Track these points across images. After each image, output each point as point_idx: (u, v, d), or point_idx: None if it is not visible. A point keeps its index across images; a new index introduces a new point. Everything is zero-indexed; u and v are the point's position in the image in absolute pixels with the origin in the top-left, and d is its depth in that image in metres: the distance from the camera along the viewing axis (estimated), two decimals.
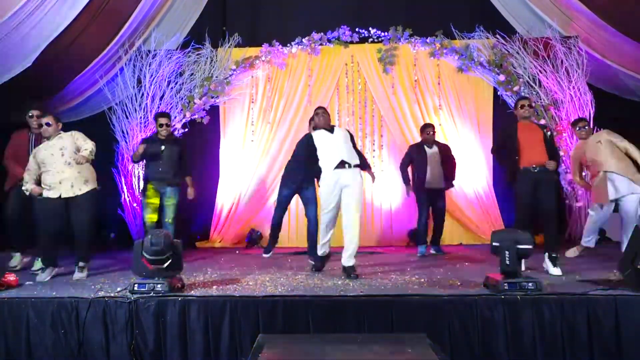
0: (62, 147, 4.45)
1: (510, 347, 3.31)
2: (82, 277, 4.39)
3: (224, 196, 7.10)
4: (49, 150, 4.46)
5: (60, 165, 4.42)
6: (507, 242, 3.53)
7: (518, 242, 3.51)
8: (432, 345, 2.58)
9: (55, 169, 4.42)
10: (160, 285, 3.54)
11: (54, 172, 4.42)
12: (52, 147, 4.46)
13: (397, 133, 7.04)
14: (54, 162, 4.42)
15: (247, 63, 7.01)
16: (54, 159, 4.43)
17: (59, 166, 4.42)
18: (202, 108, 6.94)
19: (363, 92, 7.19)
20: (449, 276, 4.23)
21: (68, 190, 4.41)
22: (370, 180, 4.78)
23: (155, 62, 6.78)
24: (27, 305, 3.50)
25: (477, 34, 6.93)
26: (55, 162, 4.42)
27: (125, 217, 6.78)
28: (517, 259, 3.52)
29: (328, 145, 4.41)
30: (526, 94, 6.61)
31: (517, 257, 3.51)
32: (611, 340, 3.28)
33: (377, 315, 3.38)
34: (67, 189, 4.41)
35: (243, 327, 3.40)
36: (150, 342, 3.42)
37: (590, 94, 6.57)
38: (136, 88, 6.79)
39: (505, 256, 3.53)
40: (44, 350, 3.45)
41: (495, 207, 6.91)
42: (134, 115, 6.76)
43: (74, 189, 4.42)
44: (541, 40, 6.72)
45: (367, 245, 6.82)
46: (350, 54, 7.13)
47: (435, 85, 7.06)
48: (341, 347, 2.58)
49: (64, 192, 4.40)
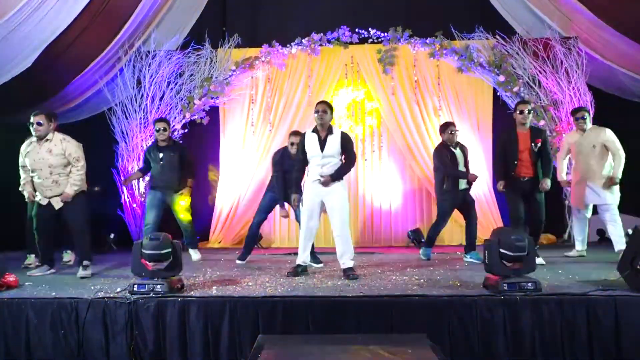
0: (50, 152, 4.43)
1: (510, 347, 3.31)
2: (87, 275, 4.48)
3: (223, 197, 7.10)
4: (39, 154, 4.44)
5: (47, 173, 4.44)
6: (490, 242, 3.57)
7: (500, 243, 3.50)
8: (432, 345, 2.58)
9: (44, 175, 4.44)
10: (160, 285, 3.53)
11: (43, 178, 4.45)
12: (41, 151, 4.44)
13: (397, 134, 7.04)
14: (42, 167, 4.43)
15: (247, 64, 7.01)
16: (42, 164, 4.43)
17: (46, 173, 4.44)
18: (201, 109, 6.94)
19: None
20: (448, 277, 4.23)
21: (56, 201, 4.48)
22: (368, 180, 4.77)
23: (155, 62, 6.78)
24: (27, 305, 3.50)
25: (476, 34, 6.93)
26: (43, 169, 4.43)
27: (125, 218, 6.78)
28: (499, 259, 3.51)
29: (312, 155, 4.34)
30: (526, 95, 6.61)
31: (499, 257, 3.51)
32: (610, 341, 3.28)
33: (377, 316, 3.38)
34: (56, 201, 4.48)
35: (242, 328, 3.40)
36: (150, 343, 3.42)
37: (590, 94, 6.58)
38: (136, 89, 6.79)
39: (485, 254, 3.60)
40: (44, 350, 3.45)
41: (495, 208, 6.91)
42: (133, 116, 6.76)
43: (58, 199, 4.50)
44: (541, 41, 6.72)
45: (366, 246, 6.84)
46: (350, 54, 7.14)
47: (435, 85, 7.06)
48: (341, 347, 2.58)
49: (54, 202, 4.48)
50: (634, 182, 6.73)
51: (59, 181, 4.47)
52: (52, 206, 4.49)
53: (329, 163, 4.31)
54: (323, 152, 4.29)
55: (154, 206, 5.37)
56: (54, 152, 4.44)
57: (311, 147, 4.34)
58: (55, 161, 4.43)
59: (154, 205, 5.37)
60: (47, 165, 4.43)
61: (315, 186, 4.34)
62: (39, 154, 4.43)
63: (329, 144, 4.31)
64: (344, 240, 4.34)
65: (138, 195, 6.74)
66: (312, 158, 4.35)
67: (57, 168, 4.45)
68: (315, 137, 4.33)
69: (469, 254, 5.22)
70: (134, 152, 6.75)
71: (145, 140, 6.72)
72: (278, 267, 4.97)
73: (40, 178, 4.45)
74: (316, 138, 4.33)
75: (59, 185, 4.47)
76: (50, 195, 4.48)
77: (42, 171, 4.43)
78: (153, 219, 5.33)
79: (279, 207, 5.16)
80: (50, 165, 4.43)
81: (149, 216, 5.35)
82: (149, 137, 6.71)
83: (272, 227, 7.11)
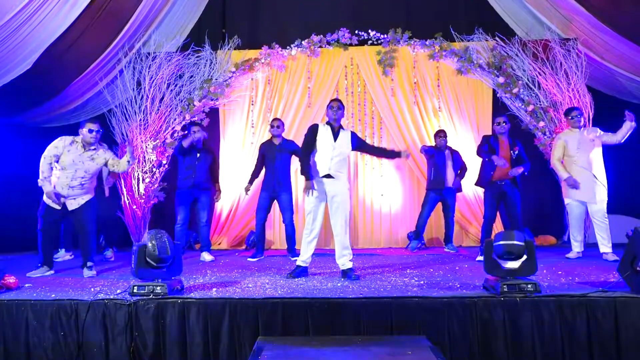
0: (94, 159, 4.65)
1: (509, 348, 3.31)
2: (93, 274, 4.65)
3: (223, 198, 7.09)
4: (82, 157, 4.59)
5: (78, 178, 4.58)
6: (490, 243, 3.59)
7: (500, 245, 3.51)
8: (431, 347, 2.58)
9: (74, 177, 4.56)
10: (160, 287, 3.54)
11: (72, 179, 4.55)
12: (84, 155, 4.61)
13: (397, 135, 7.05)
14: (77, 170, 4.56)
15: (247, 65, 7.02)
16: (79, 167, 4.57)
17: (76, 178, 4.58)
18: (201, 110, 6.94)
19: (362, 95, 7.20)
20: (448, 278, 4.24)
21: (72, 204, 4.61)
22: (368, 181, 4.79)
23: (154, 64, 6.78)
24: (27, 307, 3.50)
25: (476, 36, 6.93)
26: (77, 171, 4.57)
27: (125, 220, 6.78)
28: (498, 260, 3.53)
29: (324, 147, 4.35)
30: (525, 96, 6.63)
31: (498, 258, 3.52)
32: (610, 342, 3.28)
33: (377, 317, 3.38)
34: (70, 202, 4.60)
35: (242, 329, 3.40)
36: (150, 345, 3.42)
37: (589, 96, 6.58)
38: (136, 90, 6.78)
39: (484, 255, 3.62)
40: (43, 352, 3.45)
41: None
42: (133, 118, 6.75)
43: (76, 201, 4.63)
44: (540, 43, 6.73)
45: (366, 247, 6.85)
46: (350, 56, 7.15)
47: (434, 87, 7.07)
48: (340, 349, 2.59)
49: (69, 204, 4.60)
50: (633, 183, 6.77)
51: (84, 184, 4.64)
52: (60, 209, 4.58)
53: (339, 157, 4.34)
54: (335, 144, 4.33)
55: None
56: (99, 156, 4.69)
57: (324, 139, 4.35)
58: (93, 167, 4.66)
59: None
60: (83, 170, 4.60)
61: (322, 186, 4.34)
62: (81, 157, 4.58)
63: (341, 138, 4.37)
64: (343, 241, 4.35)
65: (138, 196, 6.74)
66: (323, 151, 4.35)
67: (91, 171, 4.67)
68: (329, 129, 4.38)
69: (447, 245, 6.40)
70: (134, 154, 6.74)
71: (146, 142, 6.72)
72: (278, 268, 4.98)
73: (74, 175, 4.57)
74: (330, 131, 4.37)
75: (83, 187, 4.65)
76: (70, 192, 4.59)
77: (77, 172, 4.57)
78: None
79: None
80: (86, 170, 4.62)
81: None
82: (149, 139, 6.72)
83: (272, 228, 7.10)
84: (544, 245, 6.72)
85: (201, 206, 5.78)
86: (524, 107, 6.66)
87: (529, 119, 6.66)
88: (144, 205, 6.75)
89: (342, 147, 4.37)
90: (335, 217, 4.37)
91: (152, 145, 6.70)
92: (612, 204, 5.49)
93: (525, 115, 6.68)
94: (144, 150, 6.69)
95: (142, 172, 6.69)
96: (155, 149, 6.70)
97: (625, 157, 6.56)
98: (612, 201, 5.48)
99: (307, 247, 4.46)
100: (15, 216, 6.61)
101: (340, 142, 4.37)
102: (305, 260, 4.48)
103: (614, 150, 5.69)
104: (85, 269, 4.69)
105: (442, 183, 6.25)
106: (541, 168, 6.55)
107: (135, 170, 6.71)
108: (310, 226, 4.42)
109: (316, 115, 7.00)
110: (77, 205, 4.62)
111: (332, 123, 4.39)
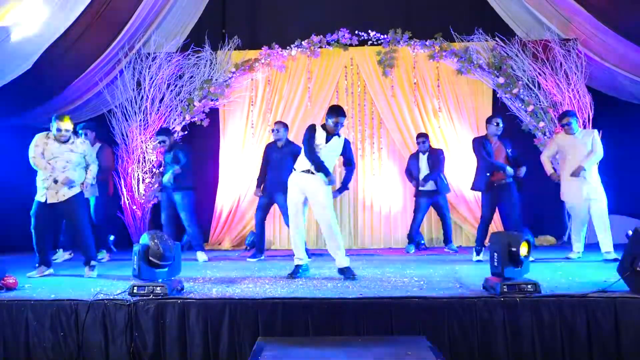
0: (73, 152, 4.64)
1: (509, 349, 3.31)
2: (94, 275, 4.63)
3: (223, 199, 7.10)
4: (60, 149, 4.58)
5: (61, 169, 4.55)
6: (498, 244, 3.54)
7: (510, 245, 3.49)
8: (431, 347, 2.59)
9: (57, 169, 4.54)
10: (160, 287, 3.54)
11: (56, 171, 4.53)
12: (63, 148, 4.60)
13: (397, 135, 7.05)
14: (57, 161, 4.54)
15: (247, 66, 7.02)
16: (59, 158, 4.55)
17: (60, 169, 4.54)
18: (201, 110, 6.95)
19: (362, 95, 7.20)
20: (448, 279, 4.23)
21: (53, 196, 4.54)
22: (368, 182, 4.79)
23: (154, 64, 6.79)
24: (27, 307, 3.50)
25: (476, 36, 6.92)
26: (58, 162, 4.55)
27: (125, 220, 6.78)
28: (509, 261, 3.50)
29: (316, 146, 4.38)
30: (525, 97, 6.63)
31: (508, 259, 3.50)
32: (610, 343, 3.28)
33: (377, 318, 3.38)
34: (52, 195, 4.54)
35: (242, 330, 3.40)
36: (150, 345, 3.42)
37: (589, 96, 6.58)
38: (136, 91, 6.79)
39: (494, 258, 3.57)
40: (43, 352, 3.45)
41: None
42: (133, 118, 6.76)
43: (59, 195, 4.56)
44: (540, 43, 6.73)
45: (366, 248, 6.85)
46: (350, 56, 7.14)
47: (434, 87, 7.07)
48: (340, 349, 2.59)
49: (49, 197, 4.54)
50: (633, 184, 6.77)
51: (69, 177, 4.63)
52: (48, 206, 4.55)
53: (326, 160, 4.33)
54: (326, 145, 4.34)
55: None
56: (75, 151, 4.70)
57: (317, 138, 4.37)
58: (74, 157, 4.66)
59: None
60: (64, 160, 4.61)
61: (299, 180, 4.37)
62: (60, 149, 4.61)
63: (333, 141, 4.39)
64: (332, 239, 4.33)
65: (138, 197, 6.74)
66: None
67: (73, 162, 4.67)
68: (324, 133, 4.39)
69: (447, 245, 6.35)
70: (134, 154, 6.75)
71: (145, 142, 6.73)
72: (278, 268, 4.98)
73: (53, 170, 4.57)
74: (324, 133, 4.38)
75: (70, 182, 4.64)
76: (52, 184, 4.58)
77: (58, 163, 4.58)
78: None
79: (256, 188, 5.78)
80: (68, 161, 4.62)
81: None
82: (149, 139, 6.73)
83: (272, 229, 7.10)
84: (544, 245, 6.72)
85: (178, 207, 5.66)
86: (524, 108, 6.67)
87: (529, 119, 6.66)
88: (144, 205, 6.75)
89: (330, 149, 4.38)
90: (317, 214, 4.39)
91: (152, 145, 6.70)
92: (612, 204, 5.49)
93: (525, 115, 6.69)
94: (144, 151, 6.70)
95: (142, 172, 6.69)
96: (155, 149, 6.71)
97: (626, 157, 6.57)
98: (612, 201, 5.47)
99: (296, 244, 4.48)
100: (16, 216, 6.61)
101: (331, 145, 4.38)
102: (300, 257, 4.48)
103: (614, 150, 5.68)
104: (87, 268, 4.67)
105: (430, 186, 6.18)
106: (541, 168, 6.54)
107: (135, 170, 6.72)
108: (295, 221, 4.44)
109: (316, 115, 7.00)
110: (64, 197, 4.54)
111: (327, 128, 4.40)
